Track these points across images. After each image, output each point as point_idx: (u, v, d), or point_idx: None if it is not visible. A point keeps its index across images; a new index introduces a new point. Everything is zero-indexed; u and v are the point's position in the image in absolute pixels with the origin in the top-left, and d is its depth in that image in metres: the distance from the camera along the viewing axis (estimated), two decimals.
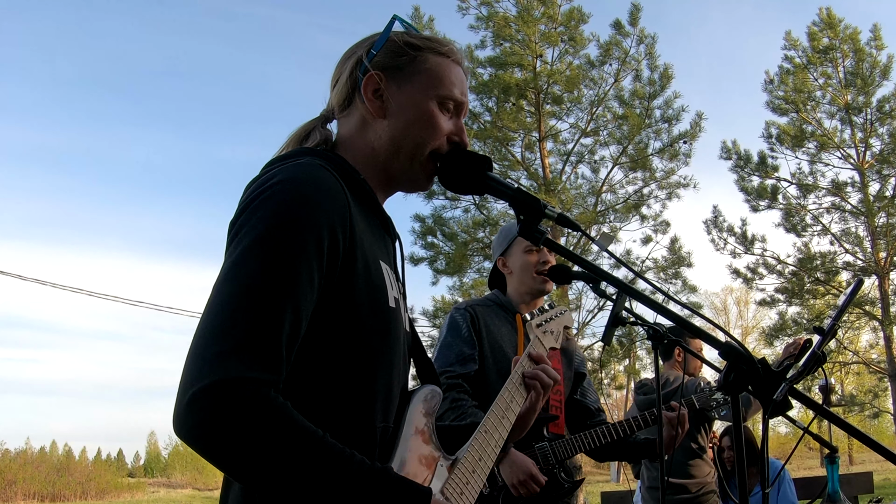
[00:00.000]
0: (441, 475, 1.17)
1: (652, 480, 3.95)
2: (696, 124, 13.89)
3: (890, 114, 15.36)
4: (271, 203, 1.03)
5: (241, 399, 0.89)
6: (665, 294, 1.42)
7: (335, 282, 1.05)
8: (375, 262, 1.13)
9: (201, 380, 0.89)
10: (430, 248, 14.14)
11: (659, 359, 2.43)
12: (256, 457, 0.89)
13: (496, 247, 2.83)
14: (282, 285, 0.97)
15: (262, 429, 0.89)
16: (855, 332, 17.89)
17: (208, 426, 0.88)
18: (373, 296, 1.10)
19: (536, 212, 1.18)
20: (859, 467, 26.28)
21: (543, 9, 14.25)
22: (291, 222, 1.01)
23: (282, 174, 1.07)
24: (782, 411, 1.13)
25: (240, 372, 0.90)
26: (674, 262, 14.16)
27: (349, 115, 1.25)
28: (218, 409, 0.88)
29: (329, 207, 1.04)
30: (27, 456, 40.53)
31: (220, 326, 0.94)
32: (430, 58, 1.25)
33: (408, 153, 1.22)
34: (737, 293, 38.12)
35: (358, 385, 1.08)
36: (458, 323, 2.61)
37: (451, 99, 1.24)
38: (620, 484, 19.27)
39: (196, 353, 0.93)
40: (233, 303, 0.95)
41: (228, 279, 0.98)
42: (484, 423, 1.29)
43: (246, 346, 0.92)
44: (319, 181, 1.06)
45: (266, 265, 0.98)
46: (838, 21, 15.97)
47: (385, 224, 1.25)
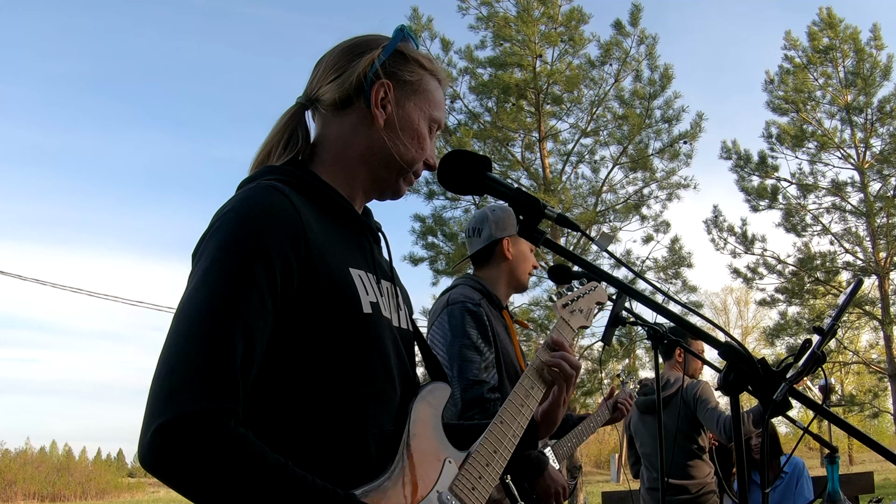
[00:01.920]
0: (450, 472, 1.16)
1: (651, 481, 3.95)
2: (697, 124, 13.90)
3: (890, 114, 15.36)
4: (219, 234, 1.05)
5: (200, 433, 0.91)
6: (665, 294, 1.42)
7: (295, 300, 1.06)
8: (343, 272, 1.13)
9: (162, 415, 0.91)
10: (431, 248, 14.14)
11: (659, 359, 2.43)
12: (217, 489, 0.92)
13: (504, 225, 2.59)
14: (231, 313, 0.98)
15: (221, 462, 0.91)
16: (855, 332, 17.89)
17: (170, 462, 0.91)
18: (341, 307, 1.10)
19: (536, 212, 1.18)
20: (859, 467, 26.28)
21: (543, 9, 14.25)
22: (238, 250, 1.02)
23: (232, 203, 1.09)
24: (782, 411, 1.12)
25: (198, 405, 0.92)
26: (674, 262, 14.17)
27: (344, 116, 1.24)
28: (178, 446, 0.90)
29: (275, 231, 1.05)
30: (27, 456, 40.55)
31: (176, 359, 0.96)
32: (430, 81, 1.29)
33: (396, 167, 1.25)
34: (737, 293, 38.14)
35: (340, 397, 1.08)
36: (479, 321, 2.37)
37: (437, 122, 1.29)
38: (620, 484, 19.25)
39: (155, 388, 0.95)
40: (184, 336, 0.97)
41: (180, 313, 1.01)
42: (501, 413, 1.28)
43: (201, 377, 0.94)
44: (266, 205, 1.07)
45: (215, 294, 1.00)
46: (838, 21, 15.97)
47: (360, 228, 1.25)
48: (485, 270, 2.61)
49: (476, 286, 2.51)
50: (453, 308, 2.39)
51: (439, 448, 1.18)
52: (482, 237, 2.60)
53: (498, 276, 2.59)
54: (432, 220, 14.18)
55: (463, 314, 2.37)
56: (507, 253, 2.57)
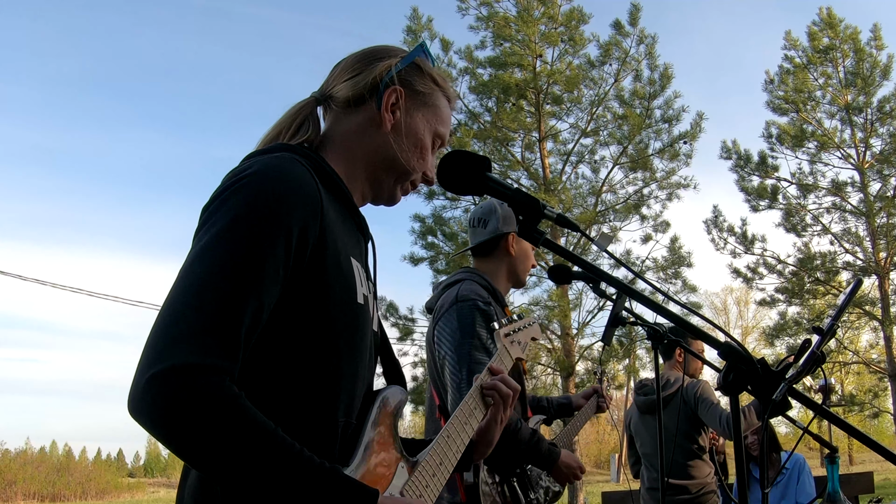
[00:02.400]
0: (402, 475, 1.17)
1: (652, 481, 3.96)
2: (697, 124, 13.90)
3: (890, 114, 15.36)
4: (243, 193, 1.04)
5: (197, 386, 0.90)
6: (665, 294, 1.42)
7: (303, 276, 1.06)
8: (347, 258, 1.14)
9: (160, 362, 0.90)
10: (431, 248, 14.14)
11: (659, 359, 2.43)
12: (207, 445, 0.90)
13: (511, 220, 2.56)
14: (247, 274, 0.98)
15: (214, 418, 0.90)
16: (855, 332, 17.88)
17: (163, 411, 0.89)
18: (341, 291, 1.11)
19: (536, 212, 1.18)
20: (859, 467, 26.29)
21: (543, 9, 14.25)
22: (261, 213, 1.02)
23: (256, 166, 1.08)
24: (781, 411, 1.12)
25: (198, 358, 0.91)
26: (674, 262, 14.16)
27: (353, 114, 1.27)
28: (173, 395, 0.89)
29: (300, 201, 1.05)
30: (27, 456, 40.57)
31: (183, 310, 0.94)
32: (440, 97, 1.33)
33: (396, 173, 1.29)
34: (737, 293, 38.18)
35: (322, 378, 1.09)
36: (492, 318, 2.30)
37: (441, 138, 1.34)
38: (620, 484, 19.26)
39: (158, 334, 0.93)
40: (198, 287, 0.96)
41: (196, 263, 0.99)
42: (446, 428, 1.30)
43: (207, 331, 0.93)
44: (293, 175, 1.08)
45: (233, 253, 0.98)
46: (838, 21, 15.97)
47: (359, 225, 1.27)
48: (485, 263, 2.58)
49: (482, 282, 2.47)
50: (463, 305, 2.34)
51: (395, 451, 1.19)
52: (487, 229, 2.57)
53: (498, 270, 2.56)
54: (432, 220, 14.18)
55: (473, 312, 2.32)
56: (510, 248, 2.55)
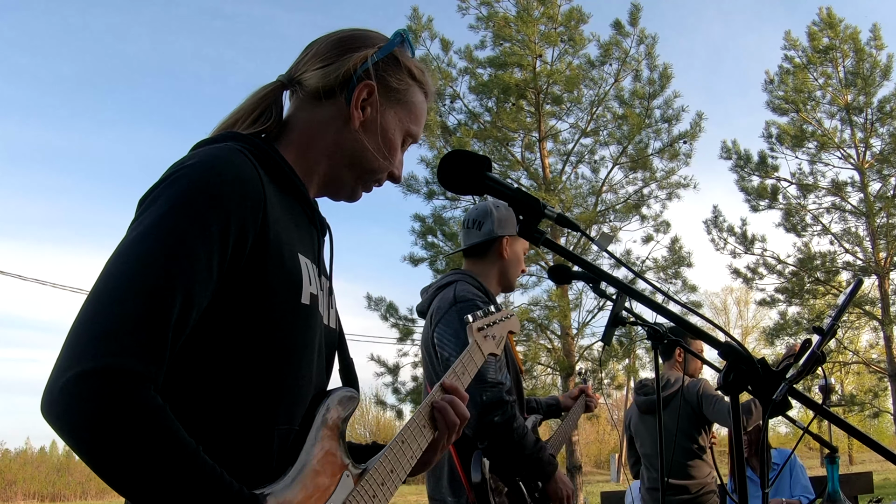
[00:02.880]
0: (346, 485, 1.09)
1: (652, 481, 3.96)
2: (696, 124, 13.90)
3: (890, 114, 15.36)
4: (179, 185, 0.98)
5: (118, 395, 0.83)
6: (665, 294, 1.41)
7: (241, 274, 1.00)
8: (292, 255, 1.08)
9: (80, 363, 0.84)
10: (431, 248, 14.14)
11: (659, 359, 2.43)
12: (121, 461, 0.84)
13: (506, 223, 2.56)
14: (175, 270, 0.92)
15: (134, 431, 0.83)
16: (855, 331, 17.89)
17: (81, 417, 0.83)
18: (284, 291, 1.06)
19: (536, 212, 1.17)
20: (859, 467, 26.29)
21: (543, 9, 14.24)
22: (196, 207, 0.96)
23: (197, 157, 1.02)
24: (782, 411, 1.12)
25: (121, 362, 0.85)
26: (674, 262, 14.16)
27: (321, 106, 1.21)
28: (91, 403, 0.82)
29: (239, 196, 1.00)
30: (27, 456, 40.53)
31: (106, 307, 0.88)
32: (417, 93, 1.27)
33: (359, 170, 1.24)
34: (737, 293, 38.17)
35: (260, 384, 1.03)
36: None
37: (413, 137, 1.28)
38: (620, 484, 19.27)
39: (79, 332, 0.87)
40: (123, 283, 0.90)
41: (122, 257, 0.93)
42: (401, 432, 1.22)
43: (131, 331, 0.87)
44: (233, 168, 1.02)
45: (162, 247, 0.92)
46: (838, 21, 15.97)
47: (312, 218, 1.21)
48: (477, 265, 2.58)
49: (474, 283, 2.48)
50: (464, 306, 2.34)
51: (340, 458, 1.10)
52: (482, 231, 2.57)
53: (489, 273, 2.56)
54: (432, 220, 14.18)
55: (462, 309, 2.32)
56: (504, 252, 2.55)
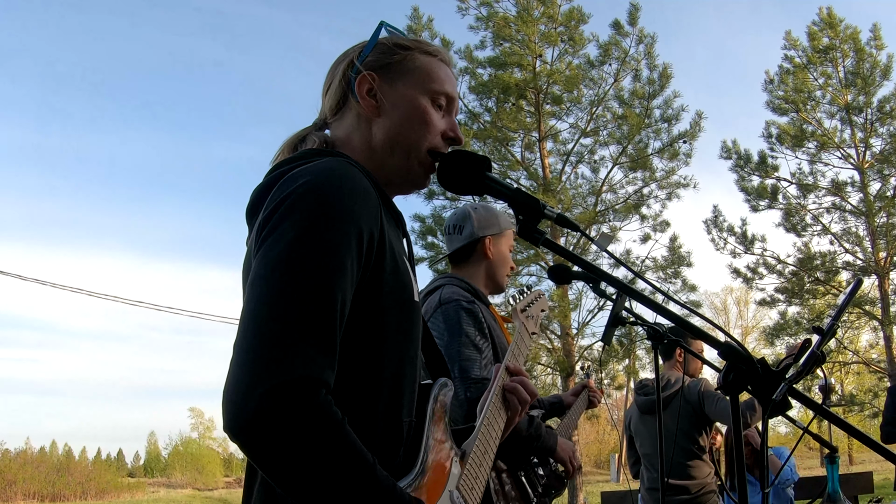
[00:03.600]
0: (457, 468, 1.18)
1: (651, 481, 3.95)
2: (696, 124, 13.91)
3: (890, 114, 15.36)
4: (309, 199, 1.01)
5: (312, 406, 0.88)
6: (665, 294, 1.41)
7: (367, 280, 1.06)
8: (402, 259, 1.15)
9: (273, 376, 0.87)
10: (431, 248, 14.14)
11: (659, 359, 2.43)
12: (310, 473, 0.89)
13: (486, 224, 2.59)
14: (332, 279, 0.97)
15: (324, 446, 0.89)
16: (855, 331, 17.89)
17: (276, 431, 0.86)
18: (400, 292, 1.12)
19: (536, 212, 1.17)
20: (859, 467, 26.28)
21: (543, 9, 14.25)
22: (334, 216, 1.00)
23: (313, 173, 1.06)
24: (782, 411, 1.12)
25: (308, 370, 0.89)
26: (673, 261, 14.17)
27: (342, 118, 1.26)
28: (289, 414, 0.86)
29: (365, 205, 1.05)
30: (27, 456, 40.54)
31: (276, 323, 0.91)
32: (419, 56, 1.26)
33: (404, 150, 1.23)
34: (737, 293, 38.18)
35: (387, 380, 1.09)
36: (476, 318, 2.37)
37: (442, 94, 1.25)
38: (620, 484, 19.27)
39: (260, 346, 0.90)
40: (285, 298, 0.93)
41: (276, 274, 0.95)
42: (485, 415, 1.29)
43: (307, 342, 0.91)
44: (355, 179, 1.07)
45: (316, 259, 0.97)
46: (838, 21, 15.97)
47: (399, 221, 1.26)
48: (464, 269, 2.59)
49: (462, 285, 2.50)
50: (448, 307, 2.38)
51: (449, 444, 1.19)
52: (463, 235, 2.59)
53: (477, 274, 2.57)
54: (432, 220, 14.19)
55: (458, 312, 2.36)
56: (487, 252, 2.56)
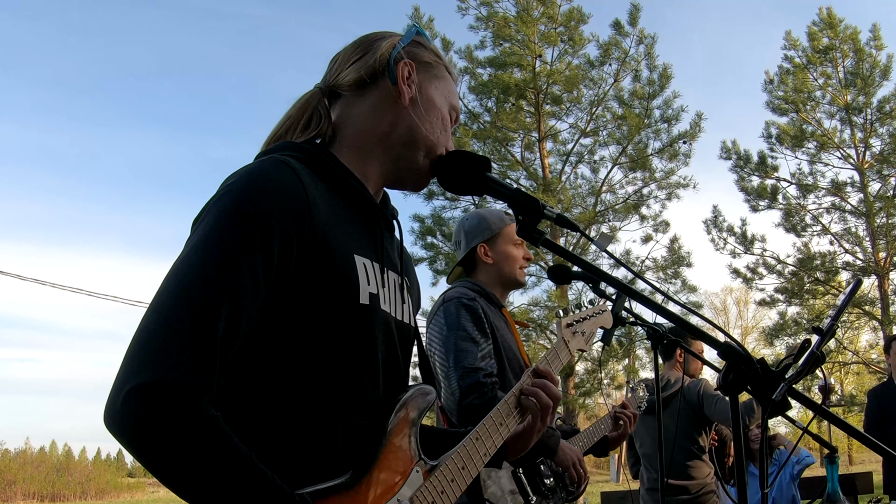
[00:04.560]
0: (414, 482, 1.12)
1: (651, 482, 3.95)
2: (696, 124, 13.91)
3: (890, 114, 15.36)
4: (221, 203, 1.03)
5: (174, 405, 0.89)
6: (664, 294, 1.41)
7: (290, 282, 1.03)
8: (346, 258, 1.10)
9: (137, 376, 0.89)
10: (430, 248, 14.14)
11: (659, 359, 2.43)
12: (178, 467, 0.90)
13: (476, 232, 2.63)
14: (219, 285, 0.96)
15: (188, 440, 0.89)
16: (855, 332, 17.88)
17: (138, 429, 0.89)
18: (337, 293, 1.08)
19: (536, 212, 1.17)
20: (859, 467, 26.28)
21: (543, 9, 14.25)
22: (238, 224, 1.00)
23: (239, 174, 1.07)
24: (781, 411, 1.12)
25: (172, 375, 0.90)
26: (673, 261, 14.17)
27: (364, 96, 1.23)
28: (150, 413, 0.88)
29: (280, 208, 1.03)
30: (27, 456, 40.54)
31: (157, 324, 0.94)
32: (444, 70, 1.30)
33: (423, 148, 1.23)
34: (736, 293, 38.13)
35: (318, 383, 1.06)
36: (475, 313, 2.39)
37: (455, 111, 1.31)
38: (620, 484, 19.25)
39: (136, 346, 0.93)
40: (171, 301, 0.95)
41: (172, 276, 0.98)
42: (477, 429, 1.24)
43: (181, 347, 0.92)
44: (273, 182, 1.05)
45: (207, 265, 0.97)
46: (838, 21, 15.97)
47: (374, 215, 1.22)
48: (475, 276, 2.65)
49: (471, 286, 2.55)
50: (448, 304, 2.43)
51: (411, 453, 1.14)
52: (462, 248, 2.66)
53: (487, 279, 2.62)
54: (431, 220, 14.18)
55: (458, 308, 2.40)
56: (485, 259, 2.61)
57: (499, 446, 1.28)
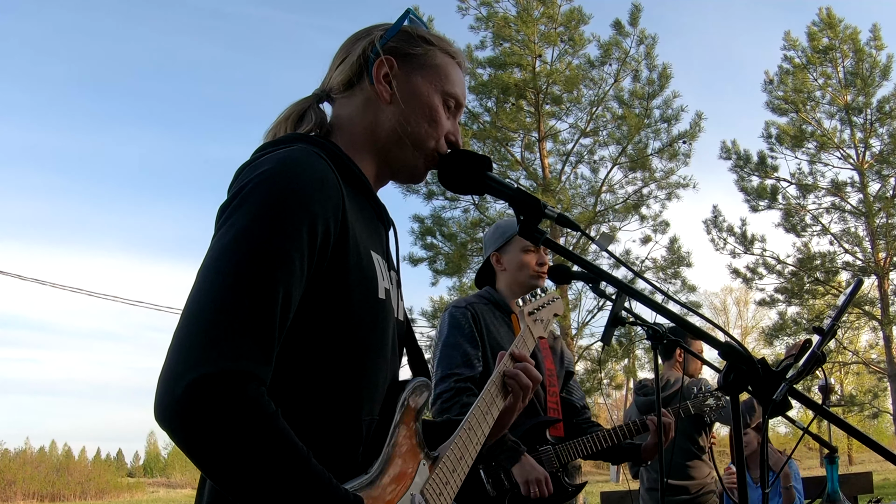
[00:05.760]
0: (423, 474, 1.13)
1: (651, 482, 3.95)
2: (696, 124, 13.90)
3: (890, 114, 15.36)
4: (263, 189, 1.00)
5: (240, 398, 0.86)
6: (664, 294, 1.41)
7: (324, 273, 1.03)
8: (367, 253, 1.11)
9: (199, 367, 0.85)
10: (430, 248, 14.13)
11: (658, 359, 2.43)
12: (240, 465, 0.87)
13: (490, 242, 2.78)
14: (273, 272, 0.94)
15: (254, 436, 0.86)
16: (854, 332, 17.89)
17: (202, 422, 0.84)
18: (363, 288, 1.08)
19: (536, 212, 1.17)
20: (859, 467, 26.28)
21: (543, 9, 14.24)
22: (283, 210, 0.98)
23: (274, 161, 1.04)
24: (782, 411, 1.12)
25: (237, 365, 0.87)
26: (673, 261, 14.16)
27: (351, 97, 1.23)
28: (213, 408, 0.85)
29: (322, 197, 1.02)
30: (27, 456, 40.55)
31: (213, 312, 0.90)
32: (439, 54, 1.26)
33: (411, 143, 1.22)
34: (736, 293, 38.16)
35: (345, 378, 1.06)
36: (460, 321, 2.55)
37: (454, 97, 1.26)
38: (620, 484, 19.26)
39: (191, 336, 0.89)
40: (226, 286, 0.92)
41: (220, 261, 0.95)
42: (468, 418, 1.26)
43: (242, 334, 0.89)
44: (313, 170, 1.04)
45: (258, 251, 0.94)
46: (838, 21, 15.97)
47: (378, 212, 1.23)
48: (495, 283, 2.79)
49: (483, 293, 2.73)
50: (444, 314, 2.63)
51: (417, 447, 1.15)
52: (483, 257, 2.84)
53: (502, 286, 2.75)
54: (431, 220, 14.18)
55: (449, 317, 2.59)
56: (498, 266, 2.74)
57: (487, 434, 1.30)
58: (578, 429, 2.77)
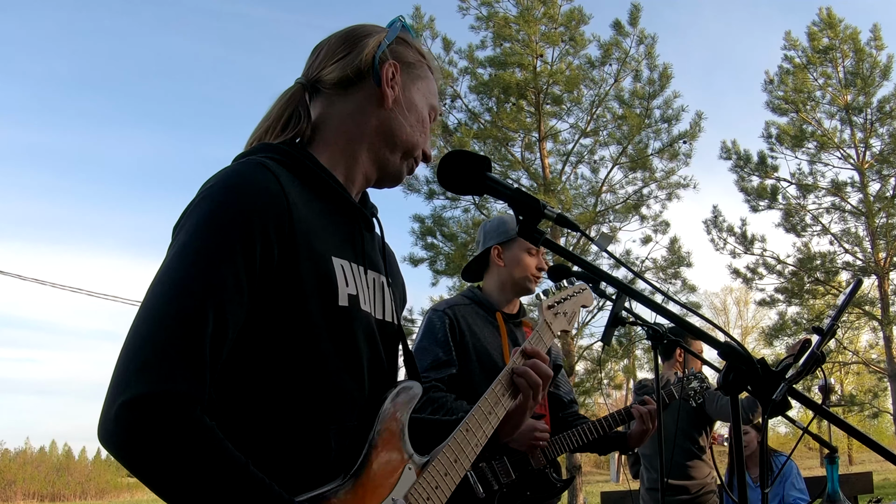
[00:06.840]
0: (407, 479, 1.12)
1: (651, 481, 3.95)
2: (696, 124, 13.90)
3: (890, 114, 15.35)
4: (201, 209, 1.02)
5: (168, 417, 0.88)
6: (664, 294, 1.41)
7: (272, 286, 1.02)
8: (325, 260, 1.10)
9: (130, 389, 0.88)
10: (430, 248, 14.13)
11: (658, 359, 2.43)
12: (176, 479, 0.89)
13: (493, 234, 2.71)
14: (205, 291, 0.95)
15: (185, 451, 0.89)
16: (854, 332, 17.87)
17: (135, 442, 0.88)
18: (317, 295, 1.07)
19: (536, 212, 1.17)
20: (859, 467, 26.28)
21: (544, 9, 14.24)
22: (218, 228, 0.99)
23: (217, 178, 1.06)
24: (781, 411, 1.12)
25: (166, 386, 0.89)
26: (673, 262, 14.16)
27: (350, 94, 1.22)
28: (144, 427, 0.88)
29: (260, 211, 1.02)
30: (27, 456, 40.56)
31: (145, 335, 0.93)
32: (427, 69, 1.30)
33: (402, 149, 1.24)
34: (736, 293, 38.13)
35: (305, 387, 1.05)
36: (435, 326, 2.52)
37: (434, 112, 1.31)
38: (620, 484, 19.26)
39: (125, 359, 0.92)
40: (157, 310, 0.94)
41: (157, 284, 0.97)
42: (467, 420, 1.24)
43: (172, 355, 0.91)
44: (252, 183, 1.04)
45: (189, 271, 0.97)
46: (838, 21, 15.96)
47: (354, 215, 1.22)
48: (485, 278, 2.73)
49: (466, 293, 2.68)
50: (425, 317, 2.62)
51: (402, 451, 1.14)
52: (480, 246, 2.75)
53: (493, 282, 2.68)
54: (431, 220, 14.18)
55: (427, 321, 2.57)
56: (497, 260, 2.67)
57: (489, 435, 1.28)
58: (565, 423, 2.74)
